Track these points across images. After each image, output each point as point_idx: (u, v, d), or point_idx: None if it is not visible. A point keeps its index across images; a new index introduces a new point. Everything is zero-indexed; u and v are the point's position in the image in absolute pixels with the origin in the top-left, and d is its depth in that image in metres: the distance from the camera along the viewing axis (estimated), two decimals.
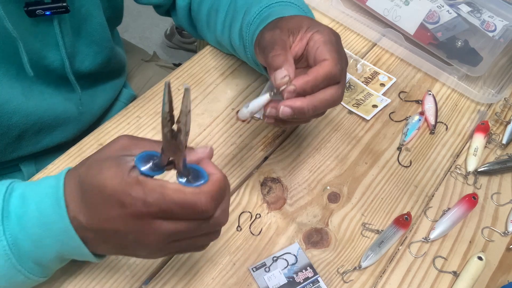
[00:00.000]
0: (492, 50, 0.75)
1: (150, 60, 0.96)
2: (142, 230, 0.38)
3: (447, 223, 0.61)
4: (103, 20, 0.65)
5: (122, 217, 0.38)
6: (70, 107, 0.66)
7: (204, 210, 0.38)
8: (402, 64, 0.80)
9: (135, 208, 0.37)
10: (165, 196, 0.37)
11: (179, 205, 0.37)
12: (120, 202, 0.37)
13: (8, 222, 0.41)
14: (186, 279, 0.54)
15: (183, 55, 2.01)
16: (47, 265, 0.45)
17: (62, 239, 0.42)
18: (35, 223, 0.41)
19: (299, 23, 0.51)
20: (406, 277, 0.58)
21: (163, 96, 0.36)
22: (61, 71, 0.61)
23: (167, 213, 0.37)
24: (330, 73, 0.46)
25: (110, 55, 0.70)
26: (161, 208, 0.37)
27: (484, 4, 0.77)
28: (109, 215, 0.38)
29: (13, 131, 0.60)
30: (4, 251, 0.41)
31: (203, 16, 0.69)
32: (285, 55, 0.48)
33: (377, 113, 0.72)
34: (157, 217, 0.38)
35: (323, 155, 0.67)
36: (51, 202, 0.41)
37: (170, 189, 0.37)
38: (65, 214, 0.40)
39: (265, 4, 0.58)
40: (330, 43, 0.48)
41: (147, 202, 0.37)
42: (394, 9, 0.79)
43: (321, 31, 0.50)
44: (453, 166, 0.68)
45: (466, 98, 0.77)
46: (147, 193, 0.37)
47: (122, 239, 0.40)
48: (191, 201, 0.37)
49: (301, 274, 0.56)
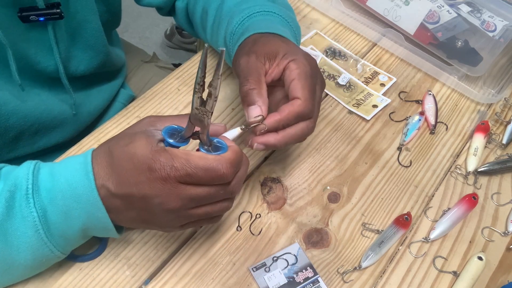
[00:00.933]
0: (492, 50, 0.75)
1: (149, 61, 0.96)
2: (167, 192, 0.42)
3: (447, 223, 0.61)
4: (99, 25, 0.65)
5: (150, 180, 0.42)
6: (66, 108, 0.67)
7: (225, 174, 0.42)
8: (402, 64, 0.80)
9: (163, 172, 0.41)
10: (190, 162, 0.41)
11: (202, 169, 0.41)
12: (149, 167, 0.41)
13: (38, 195, 0.44)
14: (186, 279, 0.54)
15: (183, 55, 2.01)
16: (71, 239, 0.47)
17: (89, 210, 0.45)
18: (64, 195, 0.44)
19: (276, 48, 0.52)
20: (406, 277, 0.58)
21: (199, 61, 0.40)
22: (55, 74, 0.61)
23: (191, 177, 0.42)
24: (302, 112, 0.49)
25: (106, 59, 0.70)
26: (187, 172, 0.41)
27: (484, 4, 0.77)
28: (138, 179, 0.42)
29: (10, 132, 0.60)
30: (33, 222, 0.44)
31: (197, 18, 0.70)
32: (259, 89, 0.49)
33: (377, 113, 0.72)
34: (182, 180, 0.42)
35: (323, 155, 0.67)
36: (80, 176, 0.44)
37: (195, 155, 0.42)
38: (93, 186, 0.44)
39: (247, 14, 0.59)
40: (304, 77, 0.50)
41: (174, 166, 0.41)
42: (394, 9, 0.79)
43: (297, 61, 0.51)
44: (453, 166, 0.68)
45: (466, 98, 0.77)
46: (174, 158, 0.41)
47: (148, 203, 0.43)
48: (213, 166, 0.42)
49: (301, 274, 0.56)
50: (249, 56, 0.51)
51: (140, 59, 0.95)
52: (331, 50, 0.79)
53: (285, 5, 0.65)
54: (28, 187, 0.44)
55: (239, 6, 0.61)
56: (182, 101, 0.69)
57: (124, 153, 0.43)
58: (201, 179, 0.42)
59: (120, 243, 0.56)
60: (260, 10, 0.60)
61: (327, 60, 0.78)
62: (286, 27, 0.60)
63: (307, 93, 0.50)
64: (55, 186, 0.44)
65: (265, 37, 0.54)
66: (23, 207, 0.44)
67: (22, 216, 0.44)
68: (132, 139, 0.43)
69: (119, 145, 0.44)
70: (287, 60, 0.51)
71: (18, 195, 0.44)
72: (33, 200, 0.44)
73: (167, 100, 0.69)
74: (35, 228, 0.44)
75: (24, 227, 0.44)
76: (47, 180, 0.45)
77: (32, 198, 0.44)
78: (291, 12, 0.66)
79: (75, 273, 0.53)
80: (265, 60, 0.51)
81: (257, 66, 0.51)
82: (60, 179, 0.45)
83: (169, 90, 0.70)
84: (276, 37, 0.54)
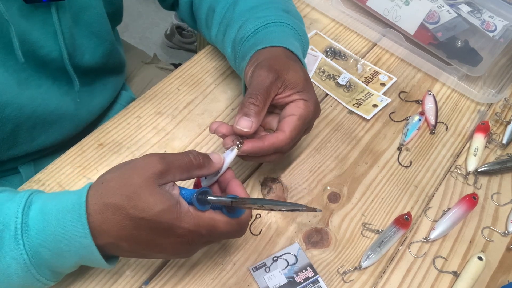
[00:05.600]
0: (492, 50, 0.75)
1: (150, 62, 0.96)
2: (187, 251, 0.46)
3: (447, 223, 0.61)
4: (103, 12, 0.65)
5: (173, 244, 0.44)
6: (66, 102, 0.65)
7: (240, 235, 0.48)
8: (402, 64, 0.80)
9: (189, 238, 0.44)
10: (216, 229, 0.45)
11: (225, 234, 0.46)
12: (175, 233, 0.43)
13: (27, 236, 0.42)
14: (186, 279, 0.54)
15: (183, 55, 2.01)
16: (64, 272, 0.47)
17: (82, 253, 0.43)
18: (56, 238, 0.42)
19: (297, 81, 0.54)
20: (406, 277, 0.58)
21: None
22: (60, 63, 0.61)
23: (213, 239, 0.47)
24: (281, 148, 0.52)
25: (111, 48, 0.69)
26: (211, 237, 0.46)
27: (484, 4, 0.77)
28: (158, 242, 0.43)
29: (7, 125, 0.59)
30: (24, 264, 0.42)
31: (202, 14, 0.70)
32: (262, 109, 0.51)
33: (378, 113, 0.72)
34: (205, 242, 0.47)
35: (323, 155, 0.67)
36: (72, 218, 0.42)
37: (221, 222, 0.45)
38: (87, 231, 0.42)
39: (261, 23, 0.60)
40: (302, 120, 0.53)
41: (201, 233, 0.44)
42: (394, 9, 0.79)
43: (307, 104, 0.53)
44: (453, 166, 0.68)
45: (466, 98, 0.77)
46: (201, 225, 0.44)
47: (159, 254, 0.46)
48: (233, 231, 0.46)
49: (301, 274, 0.56)
50: (269, 73, 0.52)
51: (141, 60, 0.95)
52: (331, 50, 0.79)
53: (297, 17, 0.66)
54: (17, 227, 0.42)
55: (253, 12, 0.62)
56: (182, 101, 0.69)
57: (146, 219, 0.41)
58: (220, 239, 0.51)
59: None
60: (275, 21, 0.60)
61: (327, 60, 0.78)
62: (298, 41, 0.61)
63: (295, 134, 0.53)
64: (46, 228, 0.42)
65: (288, 60, 0.55)
66: (12, 248, 0.42)
67: (12, 257, 0.42)
68: (148, 202, 0.41)
69: (138, 209, 0.41)
70: (299, 97, 0.53)
71: (7, 235, 0.42)
72: (22, 241, 0.42)
73: (167, 100, 0.69)
74: (26, 269, 0.43)
75: (15, 267, 0.42)
76: (38, 220, 0.43)
77: (22, 239, 0.42)
78: (302, 24, 0.66)
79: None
80: (282, 86, 0.53)
81: (271, 89, 0.52)
82: (52, 221, 0.42)
83: (169, 90, 0.70)
84: (298, 65, 0.56)
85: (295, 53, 0.57)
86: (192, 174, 0.45)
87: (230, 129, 0.52)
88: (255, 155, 0.52)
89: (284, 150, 0.54)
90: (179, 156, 0.45)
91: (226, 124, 0.53)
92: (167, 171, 0.43)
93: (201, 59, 0.75)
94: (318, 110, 0.56)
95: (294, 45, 0.58)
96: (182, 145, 0.65)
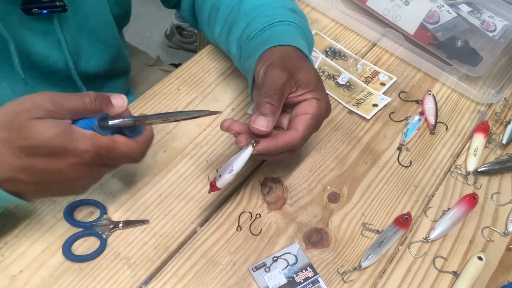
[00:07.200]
0: (492, 50, 0.75)
1: (153, 64, 0.96)
2: (90, 176, 0.46)
3: (447, 223, 0.61)
4: (110, 18, 0.64)
5: (72, 166, 0.43)
6: None
7: (140, 156, 0.48)
8: (402, 64, 0.80)
9: (87, 157, 0.43)
10: (115, 149, 0.45)
11: (125, 157, 0.46)
12: (73, 154, 0.42)
13: None
14: (186, 279, 0.54)
15: (183, 55, 2.01)
16: None
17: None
18: None
19: (310, 80, 0.53)
20: (406, 277, 0.58)
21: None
22: (66, 72, 0.61)
23: (114, 162, 0.47)
24: (294, 146, 0.52)
25: (117, 53, 0.69)
26: (112, 160, 0.46)
27: (484, 4, 0.77)
28: (57, 166, 0.42)
29: None
30: None
31: (205, 13, 0.70)
32: (277, 108, 0.51)
33: (377, 113, 0.72)
34: (106, 165, 0.46)
35: (323, 155, 0.67)
36: None
37: (119, 142, 0.45)
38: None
39: (269, 21, 0.59)
40: (315, 119, 0.53)
41: (100, 153, 0.43)
42: (394, 9, 0.79)
43: (319, 102, 0.53)
44: (453, 166, 0.68)
45: (466, 98, 0.77)
46: (100, 146, 0.43)
47: (62, 184, 0.45)
48: (133, 152, 0.46)
49: (301, 274, 0.56)
50: (283, 72, 0.52)
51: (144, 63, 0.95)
52: (331, 50, 0.79)
53: (303, 16, 0.66)
54: None
55: (260, 11, 0.62)
56: (182, 101, 0.69)
57: (38, 145, 0.41)
58: (119, 161, 0.47)
59: (120, 243, 0.56)
60: (283, 20, 0.60)
61: (327, 60, 0.78)
62: (305, 40, 0.61)
63: (308, 132, 0.53)
64: None
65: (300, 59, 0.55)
66: None
67: None
68: (37, 131, 0.40)
69: (22, 138, 0.41)
70: (312, 96, 0.53)
71: None
72: None
73: (167, 100, 0.69)
74: None
75: None
76: None
77: None
78: (307, 22, 0.66)
79: (75, 273, 0.53)
80: (296, 85, 0.53)
81: (285, 87, 0.52)
82: None
83: (169, 90, 0.70)
84: (309, 64, 0.56)
85: (304, 52, 0.57)
86: (87, 116, 0.44)
87: (243, 127, 0.52)
88: (269, 153, 0.52)
89: (296, 147, 0.54)
90: (73, 97, 0.43)
91: (238, 121, 0.53)
92: (55, 112, 0.42)
93: (201, 59, 0.75)
94: (329, 109, 0.56)
95: (303, 44, 0.58)
96: (182, 145, 0.65)
